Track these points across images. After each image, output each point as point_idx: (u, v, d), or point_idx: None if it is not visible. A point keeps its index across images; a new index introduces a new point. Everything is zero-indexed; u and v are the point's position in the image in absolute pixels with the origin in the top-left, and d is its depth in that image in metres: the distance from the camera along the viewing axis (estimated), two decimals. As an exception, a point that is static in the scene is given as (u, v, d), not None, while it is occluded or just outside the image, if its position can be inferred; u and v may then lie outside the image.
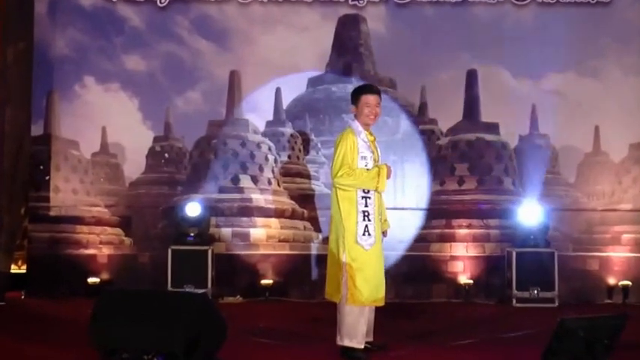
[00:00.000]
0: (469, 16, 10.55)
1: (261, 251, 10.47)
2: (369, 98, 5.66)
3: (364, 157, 5.60)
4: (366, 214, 5.52)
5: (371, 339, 5.85)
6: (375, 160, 5.69)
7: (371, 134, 5.79)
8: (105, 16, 10.54)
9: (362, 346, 5.59)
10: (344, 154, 5.56)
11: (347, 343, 5.53)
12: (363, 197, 5.54)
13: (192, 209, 9.55)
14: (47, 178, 10.45)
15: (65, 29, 10.54)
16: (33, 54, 9.96)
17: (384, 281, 5.67)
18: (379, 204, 5.71)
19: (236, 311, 8.44)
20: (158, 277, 9.32)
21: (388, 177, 5.61)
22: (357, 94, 5.74)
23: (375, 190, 5.57)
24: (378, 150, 5.86)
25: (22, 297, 9.68)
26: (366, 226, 5.51)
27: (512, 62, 10.54)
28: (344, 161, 5.54)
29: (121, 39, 10.68)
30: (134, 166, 11.20)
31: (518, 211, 9.68)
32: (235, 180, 10.95)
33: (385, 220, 5.93)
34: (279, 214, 10.96)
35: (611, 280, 9.81)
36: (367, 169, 5.56)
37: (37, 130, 10.44)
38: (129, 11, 10.58)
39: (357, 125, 5.71)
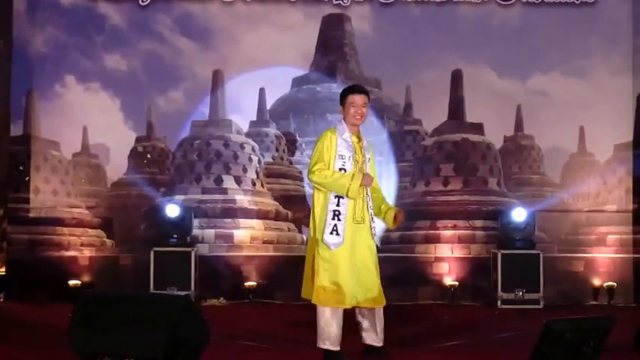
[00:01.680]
0: (454, 16, 10.51)
1: (245, 253, 10.38)
2: (355, 98, 5.54)
3: (342, 156, 5.47)
4: (337, 213, 5.39)
5: (374, 343, 5.66)
6: (356, 161, 5.56)
7: (359, 137, 5.63)
8: (85, 15, 10.43)
9: (337, 348, 5.47)
10: (320, 152, 5.44)
11: (321, 344, 5.43)
12: (335, 197, 5.42)
13: (172, 210, 9.44)
14: (27, 179, 10.31)
15: (45, 27, 10.41)
16: (12, 52, 9.83)
17: (356, 284, 5.49)
18: (357, 204, 5.53)
19: (220, 314, 8.34)
20: (140, 279, 9.20)
21: (366, 184, 5.43)
22: (343, 95, 5.63)
23: (346, 196, 5.42)
24: (367, 153, 5.64)
25: (1, 300, 9.54)
26: (335, 225, 5.37)
27: (497, 62, 10.54)
28: (319, 158, 5.44)
29: (102, 38, 10.59)
30: (116, 167, 11.11)
31: (504, 212, 9.63)
32: (218, 181, 10.86)
33: (389, 209, 5.71)
34: (262, 215, 10.88)
35: (597, 282, 9.78)
36: (343, 172, 5.44)
37: (16, 130, 10.31)
38: (109, 9, 10.47)
39: (342, 126, 5.60)
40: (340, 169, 5.41)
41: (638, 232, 10.20)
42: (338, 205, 5.40)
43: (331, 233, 5.35)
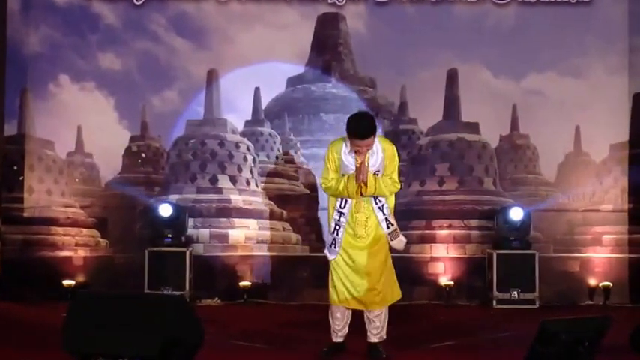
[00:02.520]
0: (450, 15, 10.49)
1: (240, 252, 10.35)
2: (357, 142, 5.48)
3: (347, 172, 5.54)
4: (337, 227, 5.56)
5: (368, 339, 5.74)
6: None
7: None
8: (79, 14, 10.40)
9: (335, 340, 5.72)
10: (324, 165, 5.67)
11: None
12: (338, 212, 5.59)
13: (166, 210, 9.41)
14: (21, 178, 10.27)
15: (39, 26, 10.38)
16: (6, 52, 9.80)
17: (351, 285, 5.55)
18: (360, 220, 5.55)
19: (214, 314, 8.33)
20: (135, 279, 9.18)
21: (358, 180, 5.41)
22: (347, 129, 5.53)
23: (349, 196, 5.49)
24: (371, 161, 5.55)
25: (-5, 300, 9.50)
26: (334, 239, 5.58)
27: (492, 61, 10.51)
28: (322, 173, 5.68)
29: (97, 37, 10.55)
30: (110, 167, 11.07)
31: (499, 212, 9.62)
32: (213, 180, 10.84)
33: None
34: (257, 215, 10.85)
35: (592, 281, 9.78)
36: (340, 179, 5.53)
37: (10, 129, 10.28)
38: (104, 8, 10.44)
39: (347, 144, 5.59)
40: None
41: (634, 231, 10.20)
42: (339, 220, 5.57)
43: (330, 246, 5.55)
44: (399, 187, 5.67)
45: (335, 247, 5.56)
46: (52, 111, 10.52)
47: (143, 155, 11.25)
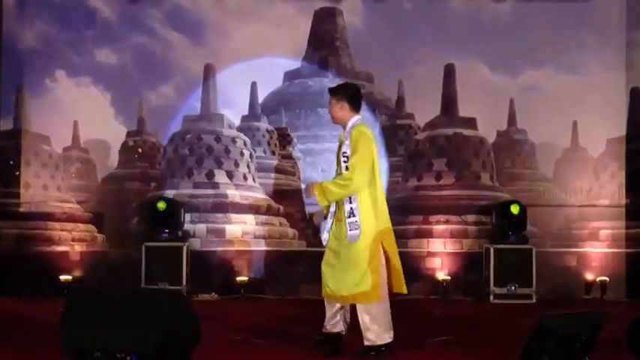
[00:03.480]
0: (447, 10, 10.50)
1: (237, 247, 10.33)
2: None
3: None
4: (333, 213, 5.54)
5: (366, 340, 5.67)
6: (337, 162, 5.60)
7: (343, 135, 5.60)
8: (75, 9, 10.39)
9: (323, 330, 5.66)
10: None
11: None
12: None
13: (161, 205, 9.38)
14: (17, 173, 10.26)
15: (34, 22, 10.36)
16: (1, 47, 9.78)
17: (325, 275, 5.55)
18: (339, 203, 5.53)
19: (211, 309, 8.31)
20: (132, 274, 9.15)
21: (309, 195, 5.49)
22: None
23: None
24: (341, 152, 5.53)
25: (-9, 295, 9.48)
26: (330, 224, 5.56)
27: (490, 57, 10.53)
28: None
29: (92, 32, 10.56)
30: (107, 162, 11.07)
31: (496, 207, 9.61)
32: (210, 175, 10.82)
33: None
34: (254, 210, 10.84)
35: (589, 276, 9.77)
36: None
37: (6, 125, 10.28)
38: (100, 3, 10.45)
39: None
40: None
41: (631, 226, 10.21)
42: (334, 207, 5.55)
43: (328, 232, 5.50)
44: (350, 180, 5.31)
45: (328, 232, 5.52)
46: (48, 106, 10.52)
47: (139, 150, 11.24)
